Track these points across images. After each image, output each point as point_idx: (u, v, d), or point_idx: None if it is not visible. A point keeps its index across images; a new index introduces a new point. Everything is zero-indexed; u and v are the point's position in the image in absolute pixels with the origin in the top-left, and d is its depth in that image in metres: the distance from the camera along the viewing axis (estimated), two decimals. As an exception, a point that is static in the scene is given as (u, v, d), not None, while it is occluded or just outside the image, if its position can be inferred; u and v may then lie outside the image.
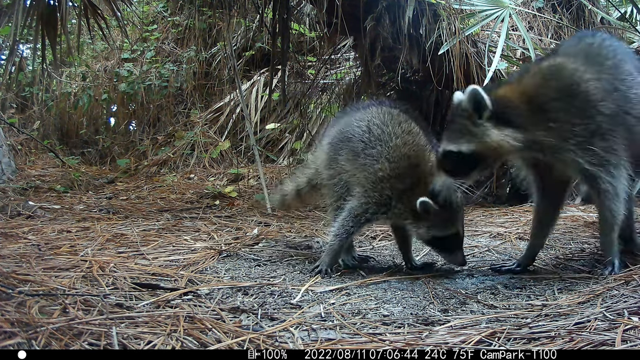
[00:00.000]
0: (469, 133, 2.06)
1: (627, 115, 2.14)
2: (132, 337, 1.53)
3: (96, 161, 6.84)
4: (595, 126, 2.07)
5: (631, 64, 2.24)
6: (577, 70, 2.12)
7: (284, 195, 2.91)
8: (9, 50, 4.64)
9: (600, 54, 2.20)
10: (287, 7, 4.41)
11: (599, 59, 2.18)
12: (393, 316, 1.81)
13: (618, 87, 2.14)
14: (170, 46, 7.45)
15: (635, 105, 2.15)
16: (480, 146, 2.06)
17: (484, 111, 2.04)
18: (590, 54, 2.19)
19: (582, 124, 2.07)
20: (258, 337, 1.57)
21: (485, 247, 2.79)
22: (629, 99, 2.15)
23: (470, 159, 2.08)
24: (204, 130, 6.49)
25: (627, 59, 2.25)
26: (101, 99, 7.12)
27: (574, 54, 2.20)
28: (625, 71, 2.19)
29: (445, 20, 3.88)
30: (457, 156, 2.08)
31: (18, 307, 1.62)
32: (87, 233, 3.07)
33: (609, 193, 2.09)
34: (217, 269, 2.44)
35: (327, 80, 6.08)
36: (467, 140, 2.06)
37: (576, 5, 5.38)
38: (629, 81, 2.17)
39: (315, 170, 2.69)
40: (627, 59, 2.25)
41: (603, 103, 2.09)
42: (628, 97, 2.15)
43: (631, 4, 4.71)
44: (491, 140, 2.04)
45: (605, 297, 1.88)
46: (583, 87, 2.09)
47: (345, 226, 2.35)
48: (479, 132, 2.05)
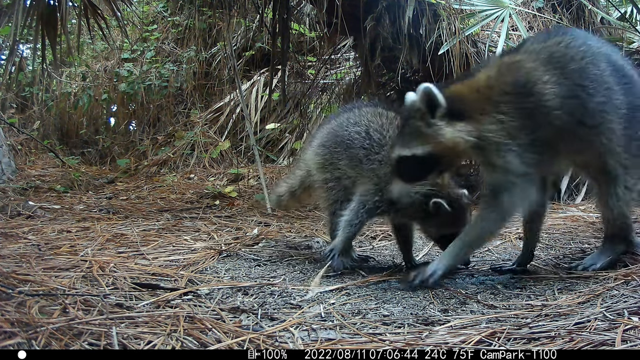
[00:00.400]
0: (422, 135, 1.99)
1: (580, 125, 2.04)
2: (132, 337, 1.53)
3: (96, 161, 6.84)
4: (538, 135, 1.99)
5: (603, 67, 2.09)
6: (536, 70, 2.01)
7: (279, 197, 2.92)
8: (9, 50, 4.64)
9: (565, 55, 2.06)
10: (287, 7, 4.41)
11: (563, 61, 2.05)
12: (393, 316, 1.81)
13: (578, 94, 2.03)
14: (170, 46, 7.45)
15: (594, 115, 2.05)
16: (435, 147, 1.99)
17: (438, 109, 1.96)
18: (554, 54, 2.07)
19: (527, 128, 1.98)
20: (258, 337, 1.57)
21: (485, 247, 2.79)
22: (588, 109, 2.04)
23: (426, 162, 2.02)
24: (204, 130, 6.49)
25: (598, 62, 2.09)
26: (101, 99, 7.12)
27: (538, 52, 2.08)
28: (590, 77, 2.05)
29: (445, 20, 3.88)
30: (412, 160, 2.01)
31: (18, 307, 1.62)
32: (87, 233, 3.07)
33: (503, 214, 2.03)
34: (217, 269, 2.44)
35: (327, 80, 6.08)
36: (420, 143, 1.99)
37: (576, 5, 5.38)
38: (592, 88, 2.04)
39: (307, 171, 2.70)
40: (598, 62, 2.09)
41: (556, 112, 1.98)
42: (587, 106, 2.03)
43: (631, 4, 4.72)
44: (446, 139, 1.97)
45: (605, 297, 1.88)
46: (537, 89, 1.98)
47: (359, 216, 2.36)
48: (433, 132, 1.98)
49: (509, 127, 1.97)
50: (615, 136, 2.10)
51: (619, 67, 2.17)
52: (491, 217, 2.04)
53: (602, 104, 2.06)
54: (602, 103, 2.06)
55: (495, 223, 2.06)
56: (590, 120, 2.05)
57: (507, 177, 1.99)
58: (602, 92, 2.06)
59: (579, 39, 2.14)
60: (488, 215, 2.05)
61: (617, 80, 2.12)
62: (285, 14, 4.41)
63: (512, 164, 1.98)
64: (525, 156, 1.98)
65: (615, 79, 2.12)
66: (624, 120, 2.12)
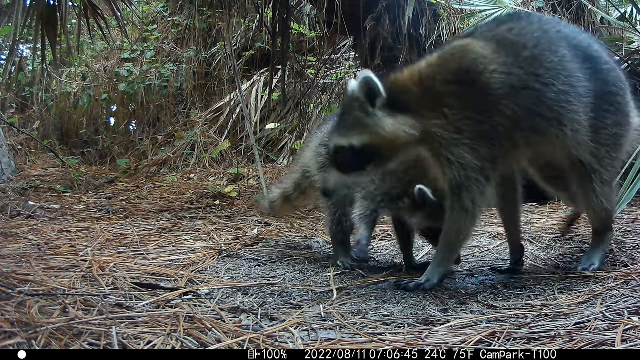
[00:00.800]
0: (361, 125, 1.89)
1: (538, 117, 1.94)
2: (132, 337, 1.53)
3: (96, 161, 6.85)
4: (488, 127, 1.91)
5: (563, 53, 1.98)
6: (484, 58, 1.90)
7: (272, 202, 2.90)
8: (9, 50, 4.65)
9: (517, 43, 1.95)
10: (287, 7, 4.41)
11: (514, 49, 1.94)
12: (393, 316, 1.81)
13: (531, 84, 1.92)
14: (170, 46, 7.45)
15: (551, 106, 1.94)
16: (374, 138, 1.89)
17: (378, 99, 1.88)
18: (504, 41, 1.95)
19: (475, 120, 1.89)
20: (258, 337, 1.57)
21: (485, 247, 2.79)
22: (544, 100, 1.93)
23: (363, 153, 1.92)
24: (204, 130, 6.49)
25: (556, 49, 1.98)
26: (101, 99, 7.12)
27: (488, 39, 1.95)
28: (545, 65, 1.94)
29: (445, 20, 3.88)
30: (350, 151, 1.92)
31: (18, 307, 1.62)
32: (87, 233, 3.07)
33: (468, 212, 1.95)
34: (217, 269, 2.44)
35: (327, 80, 6.08)
36: (358, 133, 1.90)
37: (576, 5, 5.38)
38: (549, 77, 1.93)
39: (303, 173, 2.69)
40: (556, 49, 1.98)
41: (505, 102, 1.89)
42: (543, 97, 1.93)
43: (631, 4, 4.72)
44: (386, 132, 1.88)
45: (605, 297, 1.88)
46: (483, 79, 1.88)
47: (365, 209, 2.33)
48: (372, 123, 1.88)
49: (456, 120, 1.89)
50: (582, 126, 2.01)
51: (583, 51, 2.06)
52: (458, 219, 1.98)
53: (562, 94, 1.95)
54: (563, 92, 1.95)
55: (464, 224, 1.99)
56: (547, 112, 1.95)
57: (463, 173, 1.91)
58: (561, 81, 1.95)
59: (534, 24, 2.04)
60: (455, 218, 1.99)
61: (580, 66, 2.01)
62: (285, 14, 4.41)
63: (466, 158, 1.90)
64: (478, 150, 1.90)
65: (578, 65, 2.01)
66: (590, 110, 2.02)
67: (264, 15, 5.23)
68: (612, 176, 2.17)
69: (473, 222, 2.00)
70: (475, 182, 1.93)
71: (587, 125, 2.03)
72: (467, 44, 1.97)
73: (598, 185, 2.11)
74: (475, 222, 2.01)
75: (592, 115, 2.04)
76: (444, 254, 2.09)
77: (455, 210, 1.97)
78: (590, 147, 2.06)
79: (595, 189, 2.11)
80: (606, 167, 2.11)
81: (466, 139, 1.89)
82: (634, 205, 3.36)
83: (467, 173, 1.92)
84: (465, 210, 1.96)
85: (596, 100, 2.04)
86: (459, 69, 1.92)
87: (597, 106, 2.05)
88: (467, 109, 1.90)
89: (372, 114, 1.89)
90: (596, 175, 2.10)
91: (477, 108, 1.90)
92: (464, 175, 1.92)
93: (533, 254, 2.59)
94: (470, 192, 1.94)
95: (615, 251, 2.47)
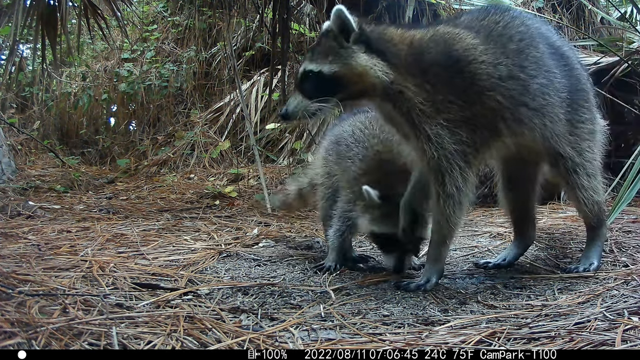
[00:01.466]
0: (335, 54, 1.93)
1: (522, 106, 2.00)
2: (132, 337, 1.53)
3: (96, 161, 6.84)
4: (470, 114, 1.95)
5: (542, 49, 2.07)
6: (474, 49, 1.97)
7: (286, 195, 2.94)
8: (9, 50, 4.64)
9: (503, 35, 2.03)
10: (287, 7, 4.41)
11: (502, 41, 2.01)
12: (393, 316, 1.81)
13: (518, 75, 1.99)
14: (170, 46, 7.45)
15: (535, 97, 2.01)
16: (344, 68, 1.93)
17: (351, 33, 1.92)
18: (492, 32, 2.03)
19: (457, 105, 1.93)
20: (258, 337, 1.57)
21: (485, 247, 2.79)
22: (529, 90, 2.00)
23: (330, 82, 1.94)
24: (204, 130, 6.49)
25: (537, 44, 2.07)
26: (101, 99, 7.12)
27: (476, 30, 2.03)
28: (530, 58, 2.02)
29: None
30: (317, 77, 1.95)
31: (18, 307, 1.62)
32: (87, 233, 3.07)
33: (454, 199, 1.97)
34: (217, 269, 2.44)
35: (327, 80, 6.07)
36: (330, 61, 1.93)
37: (576, 5, 5.39)
38: (533, 69, 2.02)
39: (314, 170, 2.74)
40: (537, 44, 2.07)
41: (490, 94, 1.95)
42: (528, 87, 2.00)
43: (631, 4, 4.72)
44: (357, 64, 1.92)
45: (605, 297, 1.88)
46: (471, 68, 1.95)
47: (339, 225, 2.41)
48: (345, 54, 1.93)
49: (436, 100, 1.93)
50: (559, 119, 2.09)
51: (557, 50, 2.15)
52: (444, 207, 1.98)
53: (543, 86, 2.04)
54: (544, 85, 2.04)
55: (452, 211, 1.98)
56: (531, 102, 2.02)
57: (442, 152, 1.93)
58: (542, 74, 2.04)
59: (517, 19, 2.12)
60: (442, 207, 1.99)
61: (557, 63, 2.11)
62: (285, 14, 4.42)
63: (444, 139, 1.93)
64: (458, 134, 1.94)
65: (555, 61, 2.10)
66: (567, 104, 2.11)
67: (264, 15, 5.24)
68: (596, 170, 2.21)
69: (461, 209, 2.00)
70: (456, 166, 1.95)
71: (565, 119, 2.11)
72: (459, 33, 2.01)
73: (584, 179, 2.15)
74: (463, 210, 2.01)
75: (568, 109, 2.12)
76: (437, 249, 2.09)
77: (441, 198, 1.98)
78: (569, 139, 2.12)
79: (583, 182, 2.15)
80: (589, 160, 2.17)
81: (444, 121, 1.93)
82: (634, 205, 3.36)
83: (446, 154, 1.94)
84: (450, 197, 1.97)
85: (571, 95, 2.13)
86: (449, 56, 1.96)
87: (573, 101, 2.13)
88: (449, 93, 1.94)
89: (347, 47, 1.93)
90: (580, 169, 2.15)
91: (461, 94, 1.94)
92: (442, 155, 1.94)
93: (533, 254, 2.58)
94: (452, 177, 1.95)
95: (615, 251, 2.47)
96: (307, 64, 1.98)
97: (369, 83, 1.95)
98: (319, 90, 1.95)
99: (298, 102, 1.98)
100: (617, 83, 3.85)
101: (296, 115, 1.97)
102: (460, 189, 1.96)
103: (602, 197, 2.24)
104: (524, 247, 2.47)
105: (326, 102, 1.96)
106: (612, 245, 2.53)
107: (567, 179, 2.17)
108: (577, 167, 2.14)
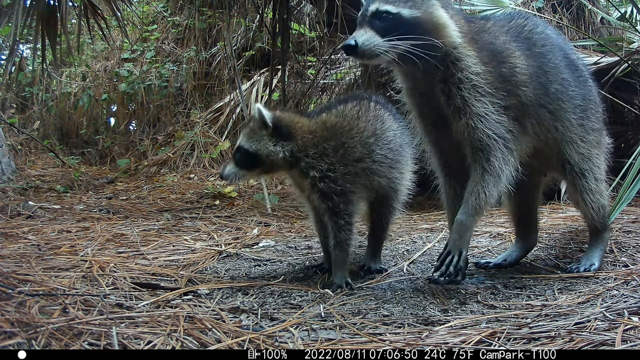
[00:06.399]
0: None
1: (542, 108, 2.10)
2: (132, 337, 1.53)
3: (96, 161, 6.84)
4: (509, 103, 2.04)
5: (560, 58, 2.18)
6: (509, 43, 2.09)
7: None
8: (9, 50, 4.64)
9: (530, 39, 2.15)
10: (287, 7, 4.41)
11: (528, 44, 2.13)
12: (393, 316, 1.81)
13: (540, 77, 2.09)
14: (170, 46, 7.44)
15: (553, 100, 2.12)
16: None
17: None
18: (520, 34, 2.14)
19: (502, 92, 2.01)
20: (258, 337, 1.57)
21: (485, 248, 2.79)
22: (549, 93, 2.11)
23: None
24: (204, 130, 6.49)
25: (555, 52, 2.19)
26: (101, 99, 7.12)
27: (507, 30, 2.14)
28: (550, 64, 2.14)
29: (445, 20, 3.87)
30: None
31: (18, 307, 1.62)
32: (87, 233, 3.07)
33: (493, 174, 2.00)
34: (217, 269, 2.44)
35: (327, 80, 6.08)
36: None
37: (576, 5, 5.38)
38: (552, 75, 2.13)
39: None
40: (555, 52, 2.19)
41: (523, 89, 2.05)
42: (548, 90, 2.11)
43: (631, 4, 4.71)
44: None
45: (605, 297, 1.88)
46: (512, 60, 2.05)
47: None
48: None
49: (487, 78, 1.99)
50: (571, 125, 2.17)
51: (572, 61, 2.27)
52: (483, 178, 1.99)
53: (559, 92, 2.13)
54: (559, 91, 2.13)
55: (490, 185, 1.99)
56: (550, 104, 2.11)
57: (487, 132, 1.97)
58: (558, 81, 2.14)
59: (540, 26, 2.24)
60: (480, 177, 1.99)
61: (571, 72, 2.21)
62: (285, 14, 4.42)
63: (490, 117, 1.97)
64: (501, 116, 2.00)
65: (570, 71, 2.21)
66: (579, 111, 2.19)
67: (264, 15, 5.23)
68: (602, 175, 2.27)
69: (497, 186, 2.00)
70: (501, 147, 1.99)
71: (577, 124, 2.19)
72: (494, 29, 2.11)
73: (592, 182, 2.21)
74: (499, 187, 2.01)
75: (581, 115, 2.20)
76: (467, 216, 2.00)
77: (479, 170, 1.99)
78: (579, 145, 2.19)
79: (591, 186, 2.21)
80: (597, 165, 2.24)
81: (491, 101, 1.98)
82: (634, 205, 3.36)
83: (491, 133, 1.97)
84: (489, 171, 1.98)
85: (584, 104, 2.22)
86: (494, 47, 2.05)
87: (584, 109, 2.22)
88: (496, 80, 2.01)
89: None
90: (588, 173, 2.21)
91: (504, 83, 2.01)
92: (489, 134, 1.97)
93: (533, 254, 2.58)
94: (496, 156, 1.99)
95: (615, 251, 2.47)
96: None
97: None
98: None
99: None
100: (617, 83, 3.85)
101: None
102: (502, 168, 2.01)
103: (607, 201, 2.29)
104: (525, 250, 2.48)
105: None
106: (612, 245, 2.53)
107: (575, 183, 2.21)
108: (586, 171, 2.20)
